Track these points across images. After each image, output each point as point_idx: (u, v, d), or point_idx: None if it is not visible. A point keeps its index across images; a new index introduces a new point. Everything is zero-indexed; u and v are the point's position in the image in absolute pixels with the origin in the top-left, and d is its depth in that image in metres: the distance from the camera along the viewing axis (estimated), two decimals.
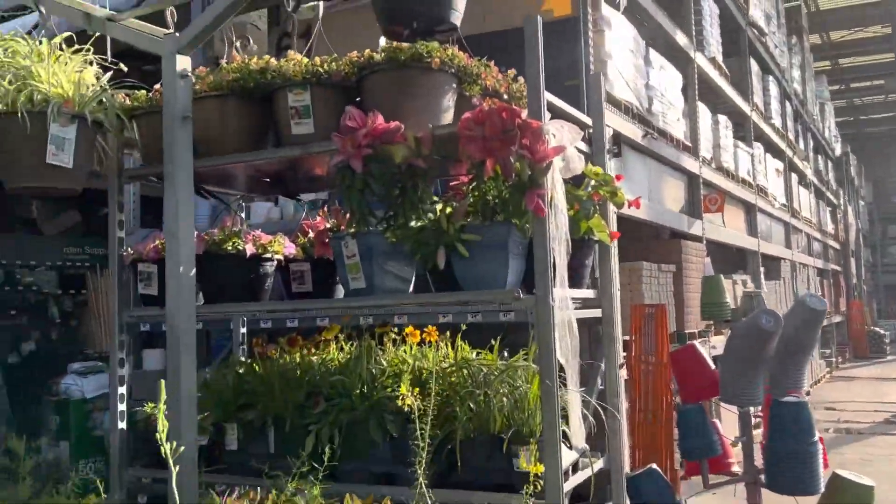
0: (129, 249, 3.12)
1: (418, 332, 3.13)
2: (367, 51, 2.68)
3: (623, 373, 4.34)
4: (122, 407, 3.09)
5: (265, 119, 2.89)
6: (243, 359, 3.53)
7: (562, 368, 2.45)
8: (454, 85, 2.71)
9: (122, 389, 3.10)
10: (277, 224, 5.96)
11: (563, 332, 2.42)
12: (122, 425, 3.09)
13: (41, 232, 10.81)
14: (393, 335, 3.16)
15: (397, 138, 2.52)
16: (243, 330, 3.76)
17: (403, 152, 2.53)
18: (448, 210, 2.60)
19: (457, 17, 2.20)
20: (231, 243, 2.97)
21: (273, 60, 2.86)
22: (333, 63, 2.76)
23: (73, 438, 6.12)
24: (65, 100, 2.58)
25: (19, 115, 2.43)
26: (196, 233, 3.04)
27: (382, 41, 2.65)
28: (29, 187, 2.58)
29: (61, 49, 2.81)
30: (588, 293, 2.91)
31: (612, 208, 3.05)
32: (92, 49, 3.04)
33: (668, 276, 6.12)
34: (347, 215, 2.69)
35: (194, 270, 2.69)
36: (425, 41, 2.47)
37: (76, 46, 2.94)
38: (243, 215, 3.71)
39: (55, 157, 2.54)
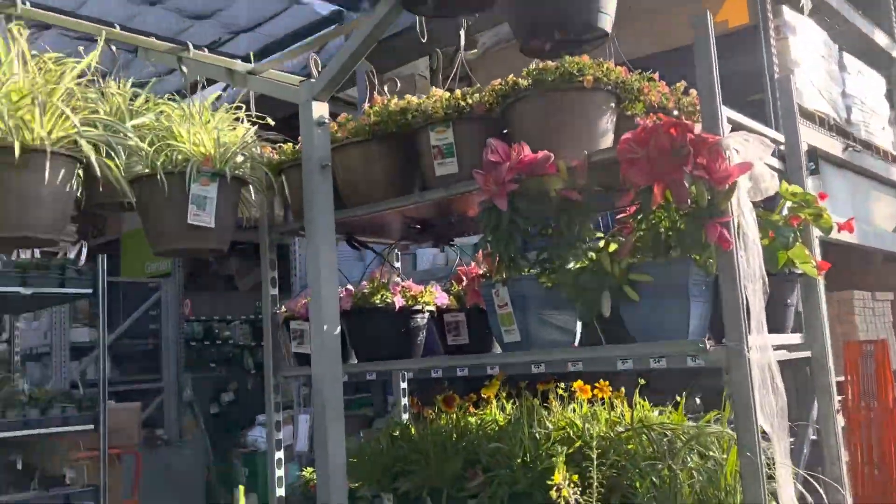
0: (283, 307, 3.03)
1: (588, 387, 2.76)
2: (511, 76, 2.42)
3: (839, 419, 3.69)
4: (279, 473, 2.95)
5: (410, 162, 2.70)
6: (404, 417, 3.32)
7: (765, 433, 1.99)
8: (612, 104, 2.37)
9: (280, 454, 2.97)
10: (443, 269, 5.81)
11: (765, 390, 1.96)
12: (280, 492, 2.95)
13: (237, 288, 11.50)
14: (560, 390, 2.81)
15: (547, 170, 2.21)
16: (404, 385, 3.55)
17: (555, 185, 2.21)
18: (611, 247, 2.24)
19: (607, 22, 1.88)
20: (379, 296, 2.77)
21: (413, 99, 2.67)
22: (476, 94, 2.52)
23: (261, 490, 6.23)
24: (205, 158, 2.52)
25: (158, 176, 2.38)
26: (344, 287, 2.88)
27: None
28: (175, 249, 2.53)
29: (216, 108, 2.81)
30: (793, 338, 2.42)
31: (815, 233, 2.54)
32: (243, 106, 3.02)
33: (886, 306, 5.30)
34: (497, 260, 2.40)
35: (338, 329, 2.51)
36: (572, 54, 2.15)
37: (235, 104, 2.93)
38: (398, 264, 3.52)
39: (196, 218, 2.47)
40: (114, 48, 2.94)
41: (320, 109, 2.57)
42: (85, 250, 5.18)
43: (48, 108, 2.16)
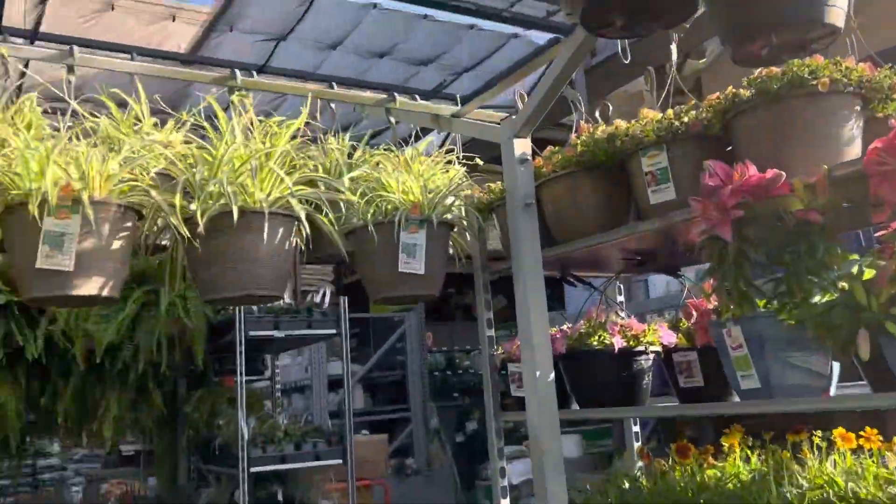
0: (500, 348, 2.95)
1: (852, 435, 2.35)
2: (730, 88, 2.15)
3: None
4: None
5: (622, 191, 2.52)
6: (637, 464, 3.07)
7: None
8: (857, 107, 2.01)
9: (506, 502, 2.87)
10: (678, 297, 5.43)
11: None
12: None
13: (475, 318, 11.77)
14: (816, 437, 2.42)
15: (779, 190, 1.91)
16: (636, 428, 3.30)
17: (792, 206, 1.91)
18: (867, 275, 1.88)
19: (837, 16, 1.58)
20: (597, 338, 2.59)
21: (622, 123, 2.49)
22: (691, 112, 2.28)
23: None
24: (413, 206, 2.53)
25: (369, 227, 2.42)
26: (559, 328, 2.74)
27: None
28: (389, 297, 2.55)
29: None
30: None
31: None
32: (454, 149, 3.02)
33: None
34: (726, 294, 2.13)
35: (552, 375, 2.37)
36: (795, 57, 1.85)
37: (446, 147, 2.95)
38: (621, 298, 3.31)
39: (407, 266, 2.48)
40: (332, 105, 3.09)
41: (522, 147, 2.48)
42: (329, 294, 5.54)
43: (265, 171, 2.28)
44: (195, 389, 5.63)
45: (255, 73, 5.94)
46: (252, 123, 2.51)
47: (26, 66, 3.20)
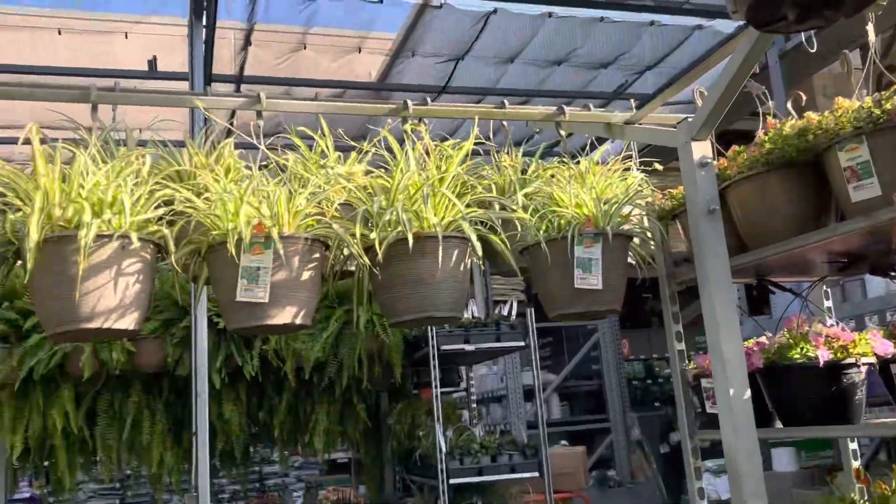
0: (691, 363, 2.80)
1: None
2: None
3: None
4: None
5: (819, 190, 2.31)
6: (854, 485, 2.78)
7: None
8: None
9: None
10: None
11: None
12: None
13: None
14: None
15: None
16: (853, 446, 2.99)
17: None
18: None
19: None
20: (798, 350, 2.38)
21: (813, 116, 2.28)
22: (894, 98, 2.04)
23: None
24: (586, 219, 2.47)
25: (542, 245, 2.40)
26: (756, 340, 2.56)
27: None
28: (566, 315, 2.51)
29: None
30: None
31: None
32: (631, 154, 2.94)
33: None
34: None
35: (748, 393, 2.21)
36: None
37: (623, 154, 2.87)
38: (828, 303, 3.02)
39: (583, 281, 2.42)
40: (505, 123, 3.10)
41: (701, 150, 2.35)
42: (515, 305, 5.57)
43: (438, 196, 2.33)
44: (396, 402, 5.88)
45: (434, 95, 6.11)
46: (427, 150, 2.59)
47: (233, 115, 3.52)
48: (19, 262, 2.10)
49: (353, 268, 2.48)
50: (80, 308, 1.95)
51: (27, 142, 2.08)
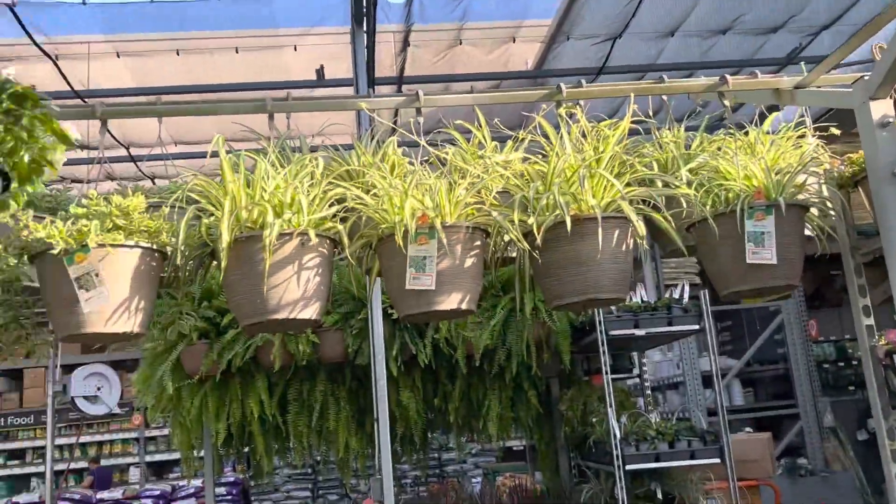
0: (881, 339, 2.60)
1: None
2: None
3: None
4: None
5: None
6: None
7: None
8: None
9: None
10: None
11: None
12: None
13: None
14: None
15: None
16: None
17: None
18: None
19: None
20: None
21: None
22: None
23: None
24: (756, 191, 2.37)
25: (708, 220, 2.33)
26: None
27: None
28: (738, 292, 2.42)
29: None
30: None
31: None
32: (806, 119, 2.78)
33: None
34: None
35: None
36: None
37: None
38: None
39: (756, 256, 2.33)
40: (664, 97, 3.02)
41: (881, 109, 2.18)
42: (687, 287, 5.37)
43: (595, 177, 2.33)
44: (567, 388, 5.87)
45: (591, 77, 6.01)
46: (584, 132, 2.58)
47: (396, 114, 3.67)
48: (214, 263, 2.34)
49: (514, 254, 2.53)
50: (268, 301, 2.14)
51: (214, 154, 2.31)
